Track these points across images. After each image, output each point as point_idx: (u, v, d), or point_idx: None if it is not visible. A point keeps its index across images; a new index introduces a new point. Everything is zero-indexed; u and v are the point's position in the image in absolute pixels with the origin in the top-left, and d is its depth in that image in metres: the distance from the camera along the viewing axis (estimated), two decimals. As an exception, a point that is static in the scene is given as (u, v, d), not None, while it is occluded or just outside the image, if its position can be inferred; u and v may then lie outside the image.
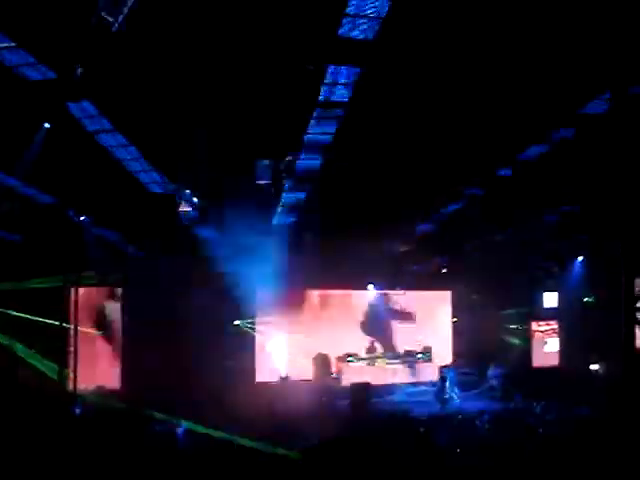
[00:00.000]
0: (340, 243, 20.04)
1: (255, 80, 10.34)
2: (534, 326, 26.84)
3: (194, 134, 12.45)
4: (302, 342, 25.01)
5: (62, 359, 18.33)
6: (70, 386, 19.14)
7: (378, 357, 25.40)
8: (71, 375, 18.78)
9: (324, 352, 24.70)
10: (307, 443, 12.21)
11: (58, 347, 18.75)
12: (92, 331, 21.28)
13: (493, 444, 15.20)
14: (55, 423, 14.90)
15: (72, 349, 19.43)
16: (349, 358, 24.87)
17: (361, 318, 26.01)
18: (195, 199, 16.96)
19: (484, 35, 9.27)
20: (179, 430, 15.14)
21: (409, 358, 25.56)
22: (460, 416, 18.84)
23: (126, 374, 21.87)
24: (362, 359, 25.15)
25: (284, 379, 23.69)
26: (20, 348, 19.10)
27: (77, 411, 16.95)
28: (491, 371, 23.98)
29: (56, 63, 9.67)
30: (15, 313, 19.00)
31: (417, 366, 25.48)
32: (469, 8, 8.73)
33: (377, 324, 26.09)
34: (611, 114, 11.50)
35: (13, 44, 9.15)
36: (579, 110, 12.01)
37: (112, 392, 20.63)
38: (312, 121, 12.25)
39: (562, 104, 11.68)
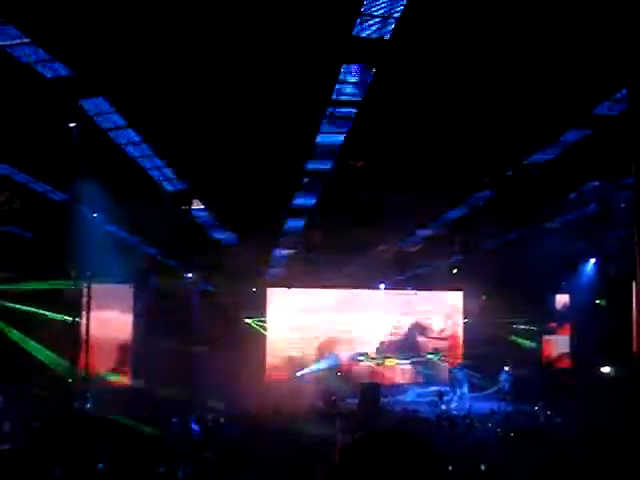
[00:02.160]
0: (352, 242, 20.01)
1: (268, 77, 10.32)
2: (546, 328, 26.75)
3: None
4: (313, 340, 25.08)
5: (73, 355, 18.30)
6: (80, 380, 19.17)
7: (388, 357, 25.40)
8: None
9: (335, 351, 24.75)
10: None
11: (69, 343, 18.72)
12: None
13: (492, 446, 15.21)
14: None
15: (84, 345, 19.46)
16: (359, 357, 24.89)
17: (373, 318, 25.99)
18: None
19: (497, 35, 9.23)
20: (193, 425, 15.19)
21: (419, 358, 25.54)
22: (468, 420, 18.82)
23: (135, 369, 21.97)
24: (373, 358, 25.16)
25: (298, 377, 23.75)
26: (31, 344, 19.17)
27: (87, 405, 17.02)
28: (503, 373, 23.89)
29: (71, 60, 9.69)
30: (26, 308, 19.10)
31: (427, 366, 25.47)
32: (484, 7, 8.69)
33: (387, 324, 26.08)
34: (626, 115, 11.41)
35: (28, 40, 9.16)
36: (594, 110, 11.97)
37: (121, 387, 20.76)
38: (324, 122, 12.24)
39: (576, 104, 11.62)
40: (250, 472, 10.75)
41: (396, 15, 8.77)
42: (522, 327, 26.16)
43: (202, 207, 17.54)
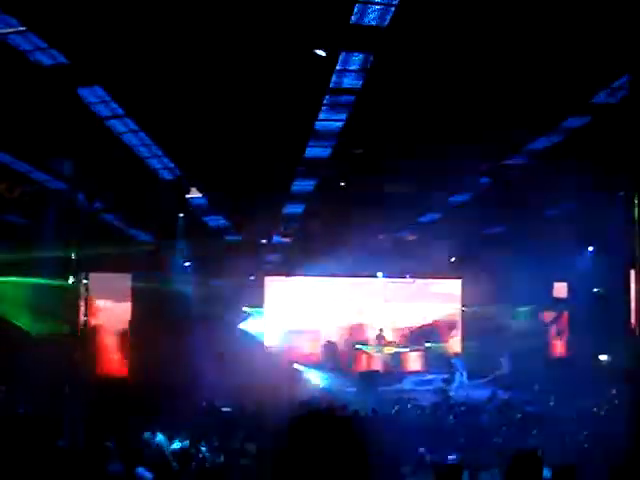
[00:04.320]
0: (350, 231, 20.02)
1: (265, 66, 10.29)
2: (544, 316, 26.74)
3: None
4: (310, 328, 25.10)
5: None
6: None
7: (387, 345, 25.41)
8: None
9: (332, 339, 24.76)
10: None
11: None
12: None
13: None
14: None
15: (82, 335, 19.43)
16: (358, 346, 24.89)
17: (369, 306, 26.02)
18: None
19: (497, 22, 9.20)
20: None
21: (418, 346, 25.55)
22: (463, 407, 18.91)
23: (134, 362, 21.97)
24: (371, 347, 25.17)
25: (294, 365, 23.78)
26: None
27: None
28: (502, 360, 23.97)
29: (68, 47, 9.65)
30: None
31: (425, 354, 25.49)
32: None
33: (386, 312, 26.08)
34: (625, 103, 11.39)
35: (23, 28, 9.12)
36: (592, 99, 11.95)
37: (120, 380, 20.77)
38: (323, 108, 12.20)
39: (574, 92, 11.59)
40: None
41: (395, 2, 8.74)
42: (520, 314, 26.14)
43: (199, 195, 17.51)
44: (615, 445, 12.46)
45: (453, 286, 26.75)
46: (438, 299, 26.65)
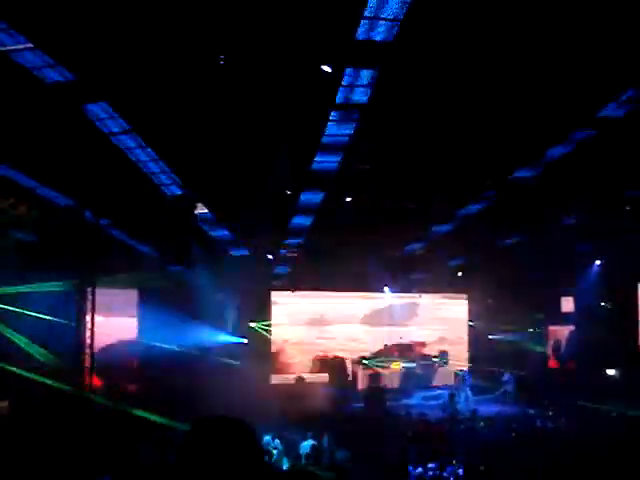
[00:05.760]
0: (357, 246, 20.00)
1: (272, 82, 10.31)
2: (551, 330, 26.67)
3: None
4: (318, 344, 25.04)
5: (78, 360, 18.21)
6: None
7: (393, 360, 25.33)
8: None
9: (340, 355, 24.69)
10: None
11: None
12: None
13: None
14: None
15: (88, 350, 19.36)
16: (364, 361, 24.82)
17: (377, 320, 25.96)
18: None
19: (503, 36, 9.20)
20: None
21: (425, 361, 25.47)
22: (469, 423, 18.81)
23: (140, 375, 21.90)
24: (378, 362, 25.09)
25: (300, 380, 23.67)
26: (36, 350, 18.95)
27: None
28: (506, 376, 23.87)
29: (74, 64, 9.68)
30: (31, 313, 18.95)
31: (433, 369, 25.40)
32: (487, 10, 8.67)
33: (392, 327, 26.02)
34: (631, 117, 11.39)
35: (30, 45, 9.15)
36: (598, 112, 11.91)
37: (126, 392, 20.68)
38: (330, 123, 12.20)
39: (582, 106, 11.57)
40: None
41: (401, 18, 8.74)
42: (527, 329, 26.07)
43: (205, 210, 17.49)
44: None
45: (460, 301, 26.68)
46: (445, 314, 26.59)
